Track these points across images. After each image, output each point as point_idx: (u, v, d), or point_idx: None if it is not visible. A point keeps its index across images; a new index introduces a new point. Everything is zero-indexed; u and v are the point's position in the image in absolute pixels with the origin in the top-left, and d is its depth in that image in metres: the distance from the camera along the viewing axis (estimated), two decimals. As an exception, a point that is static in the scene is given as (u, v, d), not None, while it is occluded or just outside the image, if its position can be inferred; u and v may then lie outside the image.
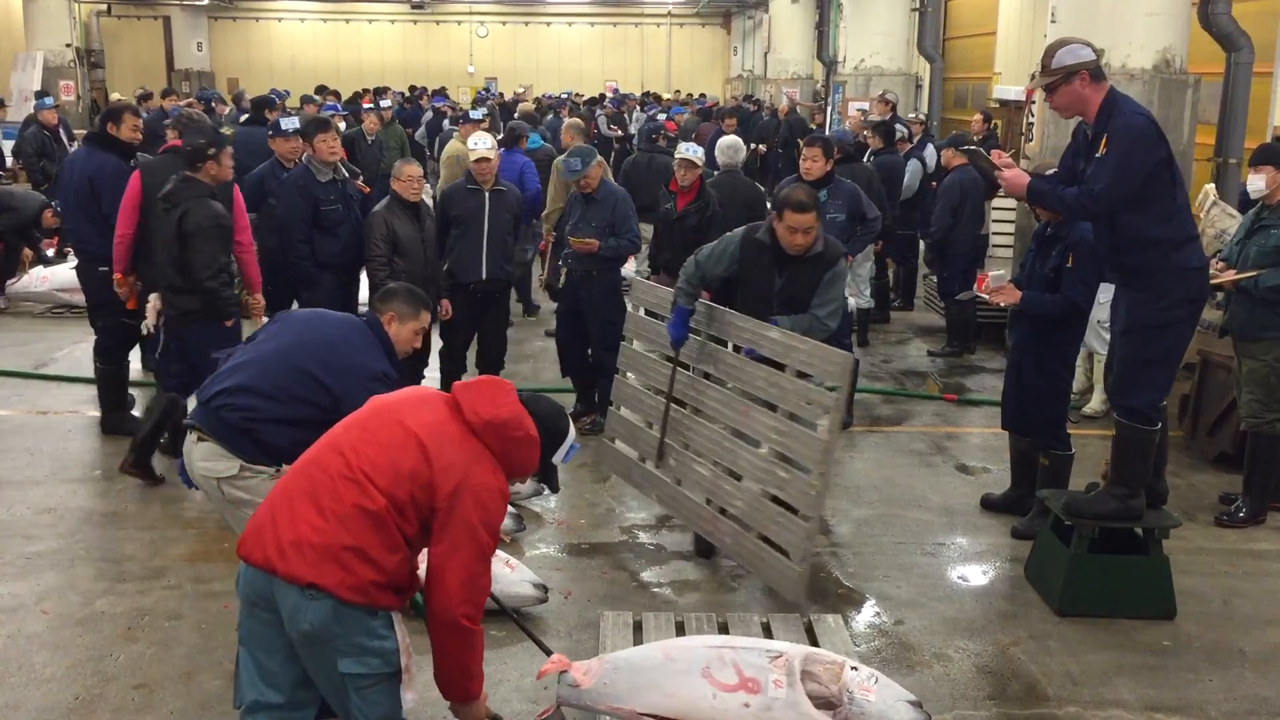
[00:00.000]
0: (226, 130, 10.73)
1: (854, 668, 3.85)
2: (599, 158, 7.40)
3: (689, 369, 5.59)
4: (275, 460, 3.92)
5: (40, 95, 15.76)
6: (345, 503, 3.06)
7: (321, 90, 13.72)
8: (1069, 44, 4.82)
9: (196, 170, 6.12)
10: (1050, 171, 5.48)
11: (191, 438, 4.01)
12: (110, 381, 7.18)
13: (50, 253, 10.95)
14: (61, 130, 13.54)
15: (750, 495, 5.11)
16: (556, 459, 3.45)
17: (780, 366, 5.08)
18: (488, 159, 7.23)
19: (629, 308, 6.40)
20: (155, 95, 18.86)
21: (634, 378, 6.17)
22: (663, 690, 3.76)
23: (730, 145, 8.48)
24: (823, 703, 3.73)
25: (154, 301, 6.32)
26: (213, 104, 17.37)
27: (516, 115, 15.26)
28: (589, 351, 7.38)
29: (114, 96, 20.34)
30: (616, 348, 7.25)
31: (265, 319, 6.02)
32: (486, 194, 7.23)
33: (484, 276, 7.24)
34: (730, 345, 5.50)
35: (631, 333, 6.19)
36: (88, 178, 6.88)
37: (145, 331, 6.55)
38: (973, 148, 5.76)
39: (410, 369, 7.02)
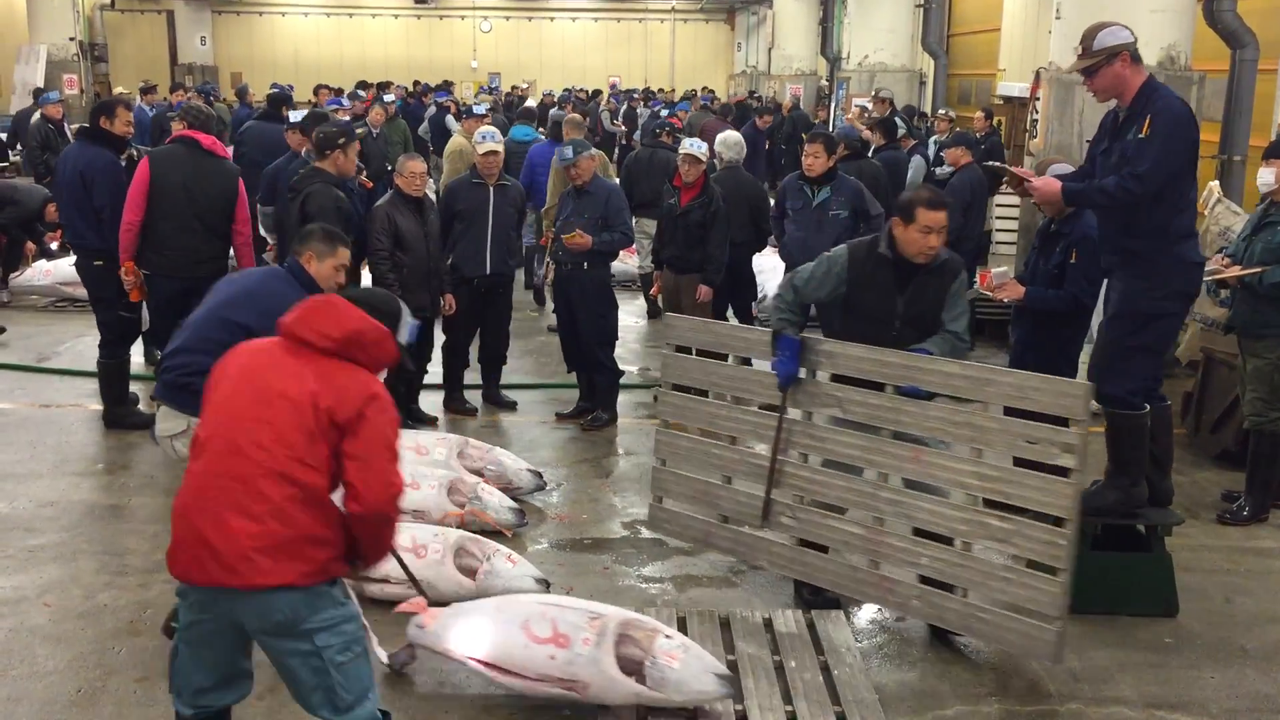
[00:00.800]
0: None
1: (667, 636, 4.11)
2: (594, 151, 7.42)
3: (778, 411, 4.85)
4: None
5: (46, 89, 15.79)
6: (275, 500, 3.08)
7: (322, 89, 13.71)
8: (1109, 26, 4.81)
9: (324, 159, 6.47)
10: (1058, 167, 5.49)
11: (155, 408, 4.47)
12: (112, 375, 7.19)
13: (54, 245, 10.96)
14: (65, 124, 13.58)
15: (953, 552, 4.43)
16: (402, 339, 3.62)
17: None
18: (495, 152, 7.24)
19: (667, 348, 5.39)
20: (160, 88, 18.87)
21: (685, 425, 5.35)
22: (485, 638, 4.14)
23: (733, 141, 8.48)
24: (632, 665, 3.99)
25: None
26: (211, 98, 17.40)
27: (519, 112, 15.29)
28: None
29: (117, 90, 20.32)
30: (611, 343, 7.29)
31: None
32: (491, 189, 7.24)
33: (488, 271, 7.25)
34: (820, 376, 4.81)
35: (679, 376, 5.24)
36: (79, 171, 6.92)
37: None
38: (996, 165, 5.73)
39: (415, 363, 7.03)
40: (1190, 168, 4.82)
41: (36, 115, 13.64)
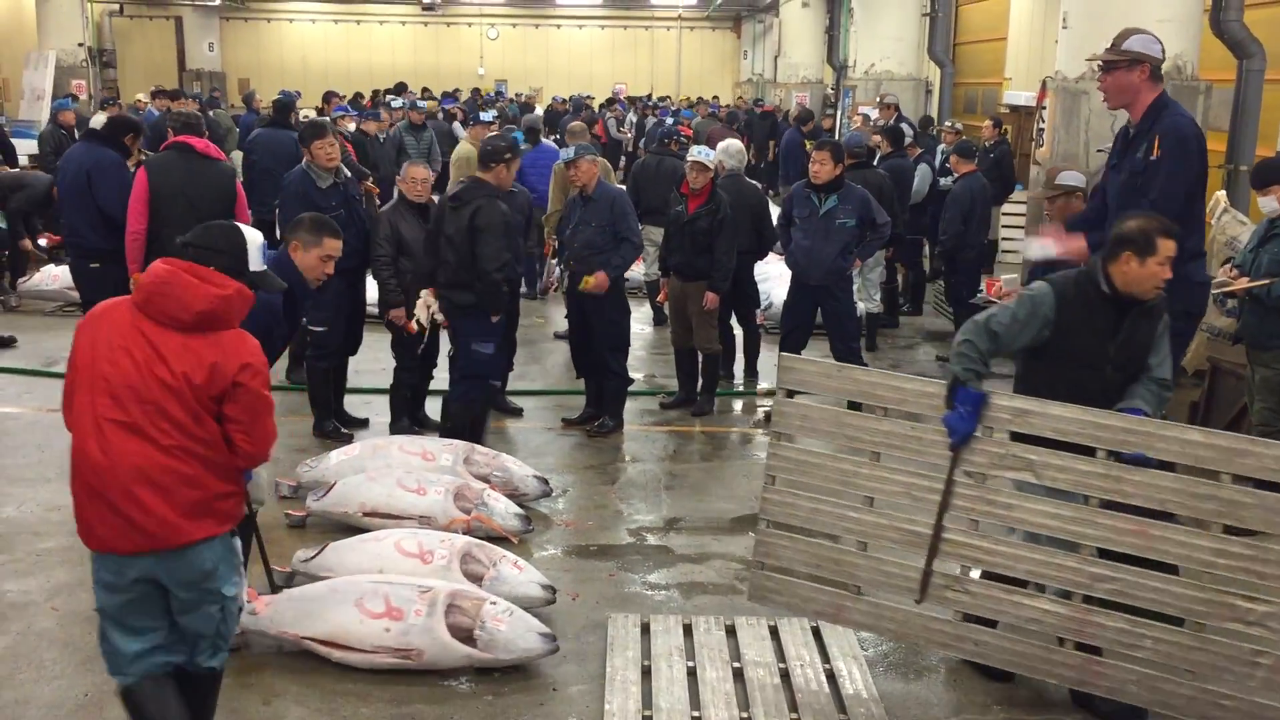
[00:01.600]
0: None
1: (493, 603, 4.45)
2: (595, 156, 7.45)
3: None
4: None
5: (62, 96, 15.88)
6: (183, 472, 3.33)
7: (330, 96, 13.75)
8: (1145, 34, 4.79)
9: (488, 171, 6.53)
10: (1068, 175, 5.49)
11: None
12: None
13: (43, 242, 11.01)
14: (78, 130, 13.63)
15: (1185, 634, 3.88)
16: (257, 265, 3.63)
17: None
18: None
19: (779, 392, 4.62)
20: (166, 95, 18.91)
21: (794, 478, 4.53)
22: (321, 618, 4.36)
23: (734, 150, 8.50)
24: (463, 633, 4.33)
25: (426, 298, 6.60)
26: (207, 106, 17.53)
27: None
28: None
29: (137, 97, 20.35)
30: (623, 349, 7.28)
31: None
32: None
33: None
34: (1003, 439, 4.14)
35: (797, 427, 4.57)
36: (86, 170, 7.05)
37: (415, 328, 6.77)
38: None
39: (420, 369, 7.04)
40: (1199, 186, 4.83)
41: (48, 121, 13.68)
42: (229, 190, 6.88)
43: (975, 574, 4.25)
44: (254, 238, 3.68)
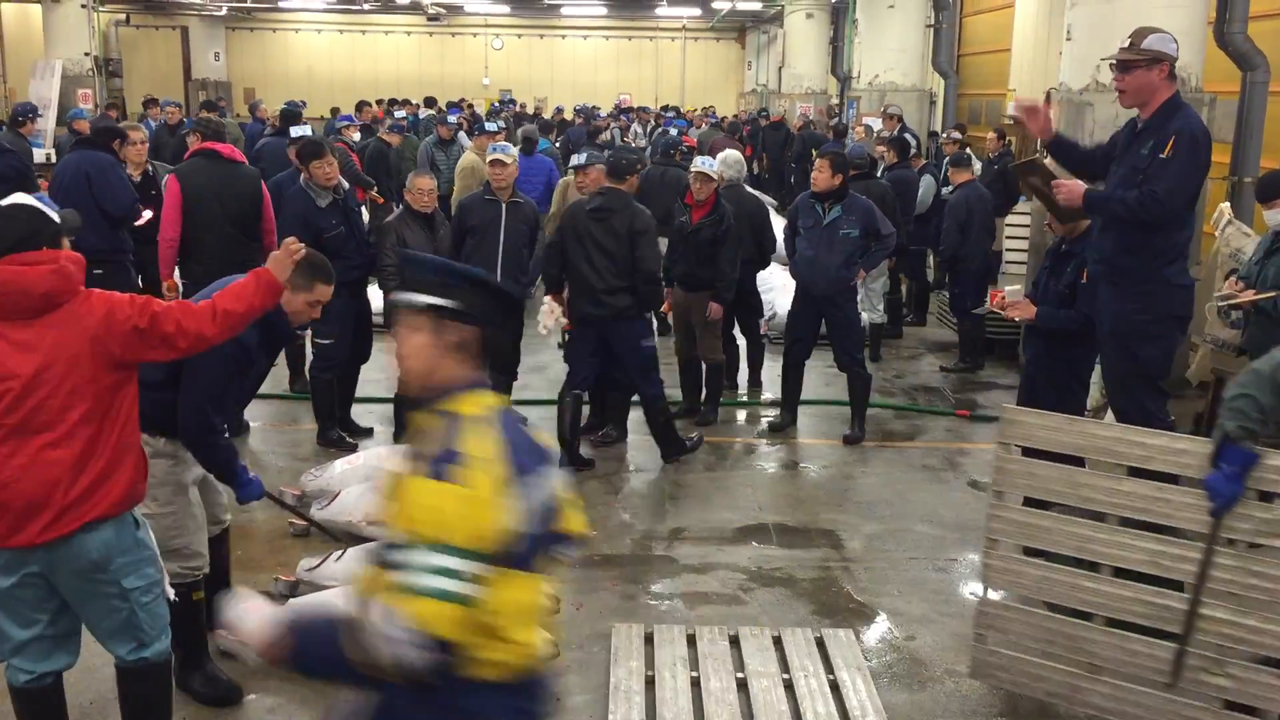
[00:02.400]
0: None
1: None
2: (604, 163, 7.45)
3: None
4: (148, 427, 3.73)
5: (76, 107, 15.93)
6: (67, 461, 3.28)
7: (335, 115, 13.75)
8: (1162, 33, 4.79)
9: (621, 181, 6.86)
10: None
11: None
12: None
13: None
14: None
15: None
16: (58, 219, 3.46)
17: None
18: (504, 163, 7.16)
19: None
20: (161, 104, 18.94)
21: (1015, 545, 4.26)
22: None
23: (734, 160, 8.51)
24: None
25: (550, 304, 6.83)
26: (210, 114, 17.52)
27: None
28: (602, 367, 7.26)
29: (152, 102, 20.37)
30: (656, 369, 7.02)
31: None
32: (504, 205, 7.24)
33: None
34: None
35: (1025, 487, 4.17)
36: (85, 173, 7.24)
37: (545, 332, 7.02)
38: (1031, 161, 5.70)
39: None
40: (1199, 190, 4.85)
41: (66, 132, 13.72)
42: (255, 192, 7.06)
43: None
44: (30, 200, 3.49)
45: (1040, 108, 5.18)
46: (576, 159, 7.47)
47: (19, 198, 3.52)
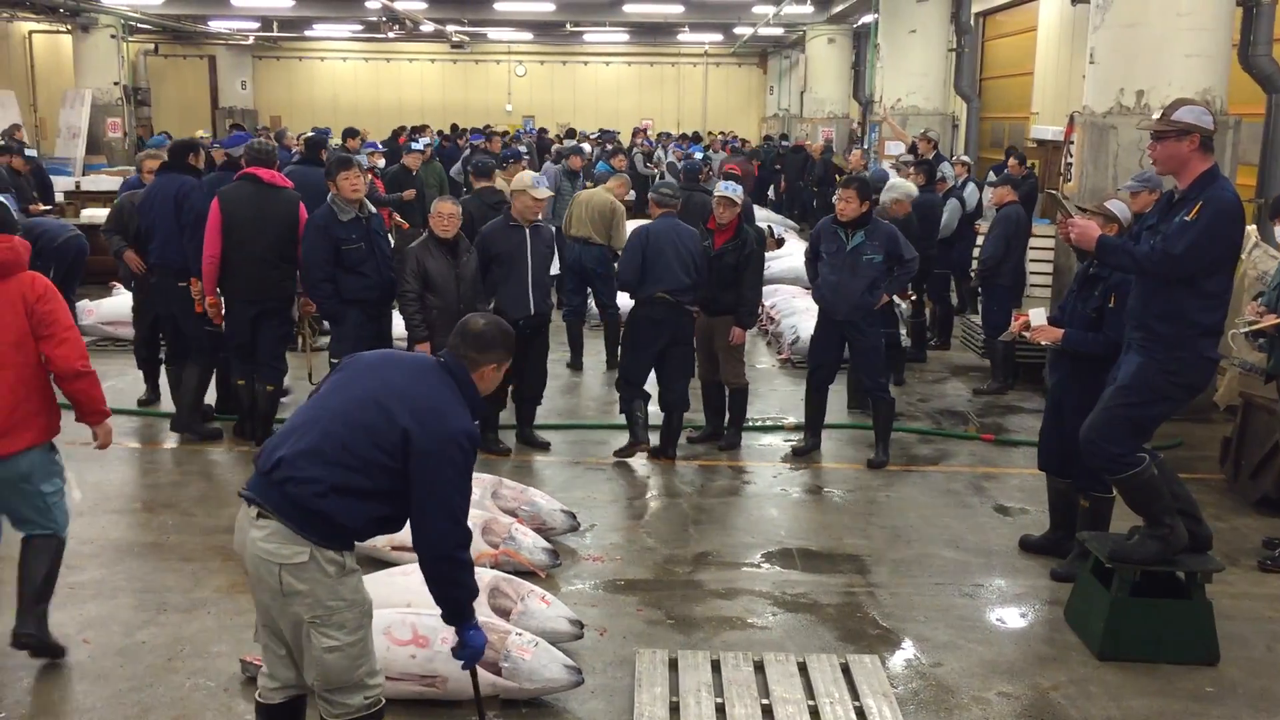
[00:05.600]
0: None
1: (518, 634, 4.49)
2: (623, 176, 7.58)
3: None
4: (346, 545, 3.44)
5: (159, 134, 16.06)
6: (8, 402, 4.41)
7: (350, 133, 13.78)
8: (1194, 105, 4.85)
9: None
10: (1115, 204, 5.52)
11: (250, 513, 3.42)
12: (191, 383, 7.72)
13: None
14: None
15: None
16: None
17: None
18: (540, 201, 7.35)
19: None
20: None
21: None
22: None
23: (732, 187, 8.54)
24: (489, 665, 4.30)
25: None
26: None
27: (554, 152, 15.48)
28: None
29: (198, 134, 20.60)
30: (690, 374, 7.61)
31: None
32: (526, 230, 7.30)
33: (531, 311, 7.33)
34: None
35: None
36: (173, 196, 7.54)
37: None
38: (1053, 194, 5.73)
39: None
40: (1228, 264, 4.85)
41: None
42: (292, 216, 7.28)
43: None
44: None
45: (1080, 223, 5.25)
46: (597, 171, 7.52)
47: None
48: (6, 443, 4.44)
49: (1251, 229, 8.34)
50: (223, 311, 7.39)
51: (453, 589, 3.53)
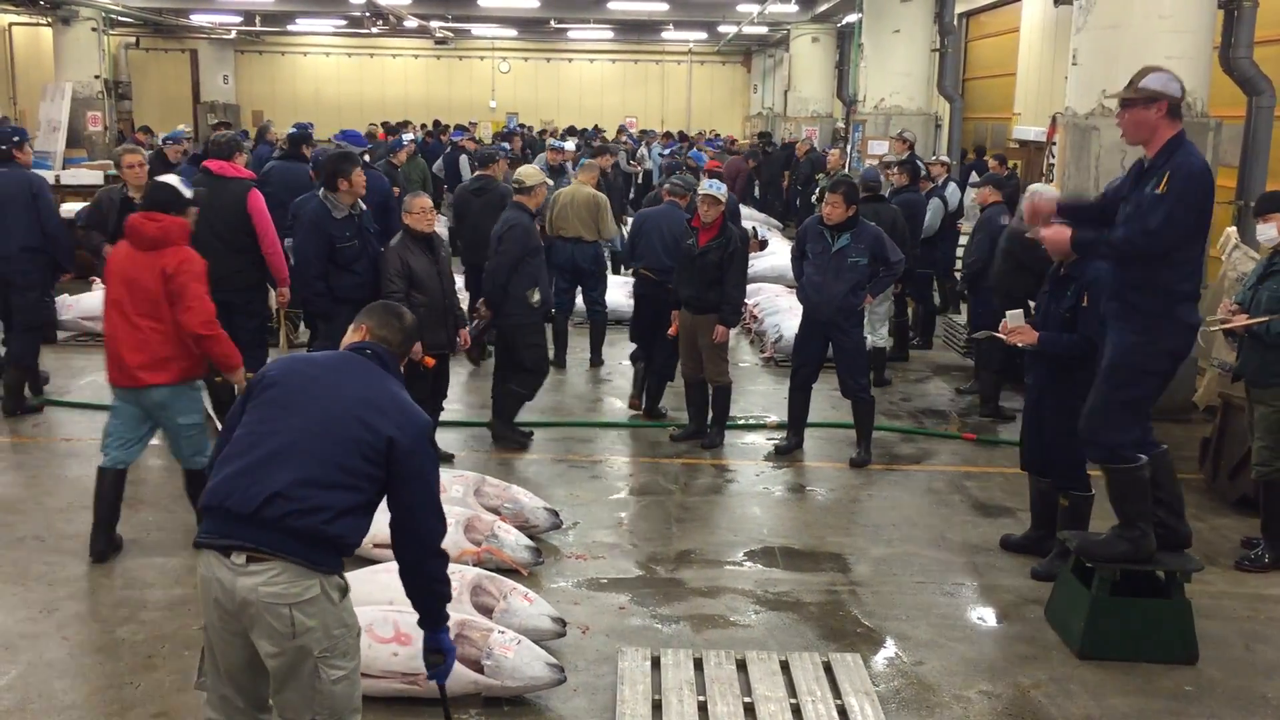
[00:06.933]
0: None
1: (500, 632, 4.51)
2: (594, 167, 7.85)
3: None
4: (343, 566, 3.34)
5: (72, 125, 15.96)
6: (153, 343, 5.48)
7: (395, 128, 13.67)
8: (1162, 72, 4.84)
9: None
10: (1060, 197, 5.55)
11: (234, 561, 3.18)
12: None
13: None
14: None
15: None
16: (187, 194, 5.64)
17: None
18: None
19: None
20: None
21: None
22: None
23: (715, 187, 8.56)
24: (470, 663, 4.37)
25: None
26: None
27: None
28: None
29: (180, 128, 20.48)
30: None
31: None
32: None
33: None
34: None
35: None
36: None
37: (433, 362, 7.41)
38: (1017, 228, 5.73)
39: (431, 401, 7.05)
40: (1202, 230, 4.84)
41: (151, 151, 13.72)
42: (238, 205, 7.28)
43: None
44: (173, 179, 5.84)
45: (1039, 220, 5.37)
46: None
47: (169, 177, 5.87)
48: (145, 375, 5.49)
49: (1231, 230, 8.39)
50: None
51: (440, 586, 3.50)
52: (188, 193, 5.71)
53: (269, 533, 3.15)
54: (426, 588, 3.49)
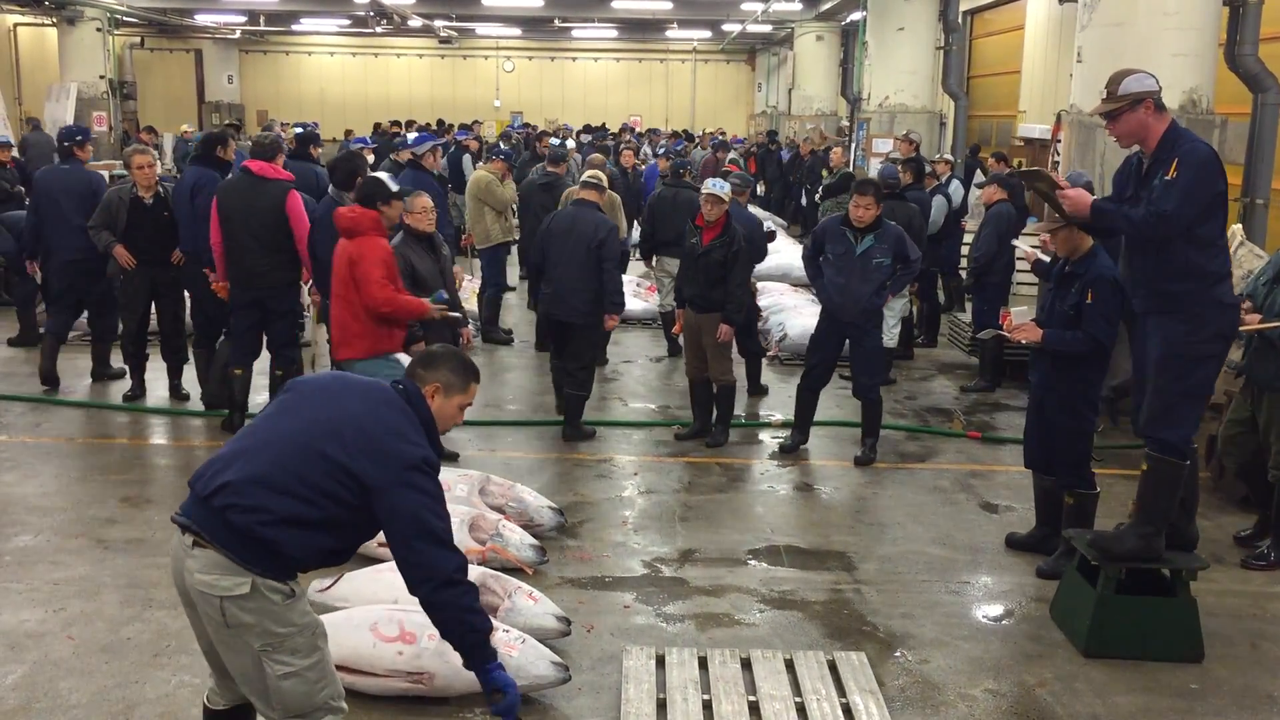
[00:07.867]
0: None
1: (505, 631, 4.47)
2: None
3: None
4: (290, 574, 3.26)
5: (76, 124, 16.01)
6: (344, 319, 6.21)
7: (349, 137, 13.73)
8: (1135, 73, 4.85)
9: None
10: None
11: (185, 540, 3.23)
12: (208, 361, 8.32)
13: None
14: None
15: None
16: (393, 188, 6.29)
17: None
18: None
19: None
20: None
21: None
22: (334, 643, 4.01)
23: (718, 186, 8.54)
24: None
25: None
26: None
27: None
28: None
29: (184, 128, 20.58)
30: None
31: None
32: None
33: None
34: None
35: None
36: (189, 187, 8.06)
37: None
38: (1033, 169, 5.60)
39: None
40: (1219, 210, 4.84)
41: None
42: (276, 207, 7.44)
43: None
44: (382, 175, 6.71)
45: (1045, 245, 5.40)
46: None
47: (379, 174, 6.82)
48: (341, 350, 6.23)
49: (1237, 227, 8.37)
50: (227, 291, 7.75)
51: (467, 616, 3.30)
52: (393, 187, 6.49)
53: (211, 520, 3.18)
54: (455, 619, 3.30)
